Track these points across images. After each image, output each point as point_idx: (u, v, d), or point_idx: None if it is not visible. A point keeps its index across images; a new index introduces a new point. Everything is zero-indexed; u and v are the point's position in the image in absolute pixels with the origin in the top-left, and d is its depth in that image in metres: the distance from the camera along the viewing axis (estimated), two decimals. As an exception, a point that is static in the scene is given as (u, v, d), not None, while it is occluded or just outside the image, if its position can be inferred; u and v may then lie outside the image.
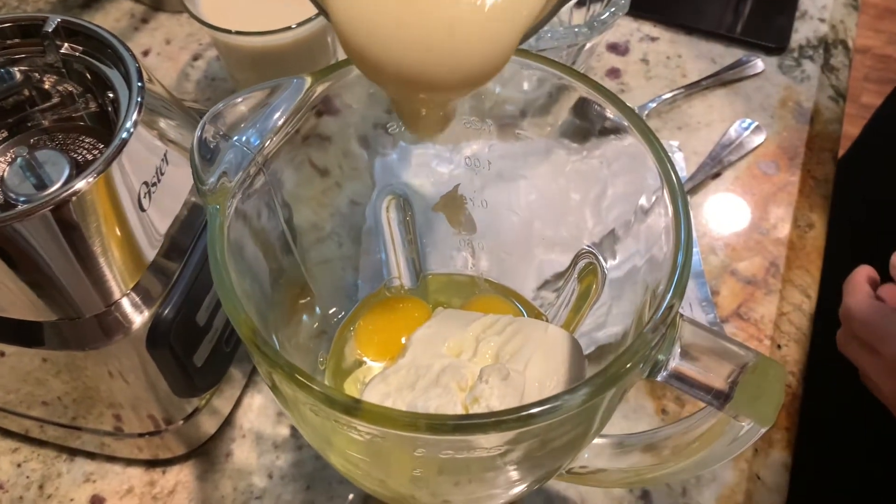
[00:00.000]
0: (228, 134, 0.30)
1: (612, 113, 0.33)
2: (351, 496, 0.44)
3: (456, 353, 0.35)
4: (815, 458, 0.53)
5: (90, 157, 0.38)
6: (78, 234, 0.33)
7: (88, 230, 0.33)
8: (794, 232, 0.56)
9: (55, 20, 0.37)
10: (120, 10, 0.70)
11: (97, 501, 0.45)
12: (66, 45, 0.38)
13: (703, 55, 0.66)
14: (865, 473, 0.59)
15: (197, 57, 0.66)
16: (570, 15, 0.57)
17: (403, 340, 0.39)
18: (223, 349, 0.43)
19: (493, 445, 0.27)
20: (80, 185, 0.32)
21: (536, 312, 0.43)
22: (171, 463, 0.46)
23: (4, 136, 0.40)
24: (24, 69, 0.39)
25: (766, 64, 0.65)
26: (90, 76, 0.39)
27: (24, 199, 0.34)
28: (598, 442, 0.36)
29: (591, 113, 0.34)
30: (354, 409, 0.24)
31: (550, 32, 0.49)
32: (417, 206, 0.42)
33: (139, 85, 0.36)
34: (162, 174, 0.37)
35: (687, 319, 0.28)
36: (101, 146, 0.39)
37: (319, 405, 0.25)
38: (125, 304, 0.36)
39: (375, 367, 0.40)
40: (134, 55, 0.37)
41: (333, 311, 0.42)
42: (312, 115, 0.34)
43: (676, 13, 0.69)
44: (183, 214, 0.39)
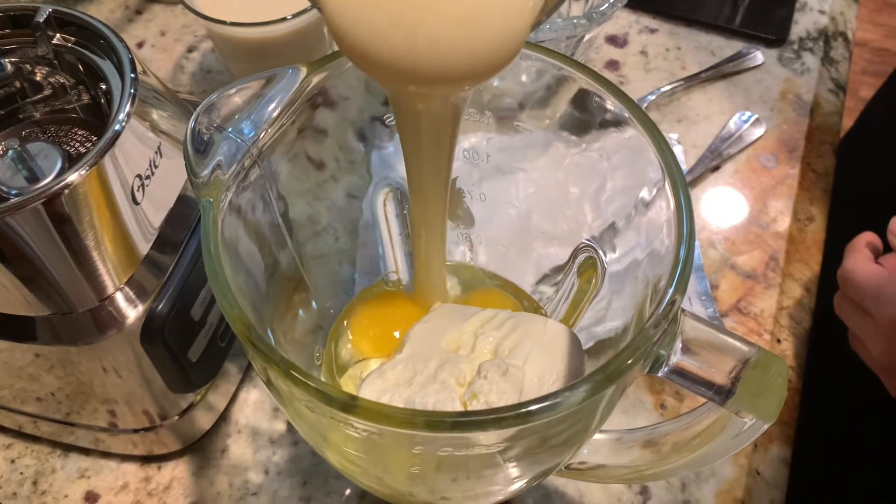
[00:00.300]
0: (222, 125, 0.29)
1: (612, 104, 0.32)
2: (348, 492, 0.44)
3: (454, 348, 0.35)
4: (814, 453, 0.52)
5: (83, 149, 0.38)
6: (70, 227, 0.33)
7: (81, 224, 0.33)
8: (793, 225, 0.56)
9: (47, 10, 0.37)
10: (114, 0, 0.69)
11: (92, 497, 0.44)
12: (58, 35, 0.38)
13: (702, 47, 0.66)
14: (865, 468, 0.59)
15: (192, 49, 0.66)
16: (568, 6, 0.57)
17: (398, 335, 0.39)
18: (218, 344, 0.42)
19: (492, 442, 0.26)
20: (72, 177, 0.32)
21: (535, 306, 0.42)
22: (166, 459, 0.45)
23: (-5, 128, 0.39)
24: (15, 60, 0.38)
25: (765, 56, 0.65)
26: (83, 67, 0.38)
27: (15, 192, 0.34)
28: (597, 438, 0.35)
29: (590, 105, 0.33)
30: (351, 406, 0.24)
31: (549, 24, 0.48)
32: (415, 199, 0.41)
33: (132, 76, 0.35)
34: (156, 167, 0.36)
35: (688, 314, 0.28)
36: (93, 138, 0.38)
37: (315, 402, 0.24)
38: (119, 298, 0.36)
39: (373, 362, 0.40)
40: (127, 46, 0.36)
41: (330, 305, 0.42)
42: (308, 106, 0.33)
43: (675, 5, 0.68)
44: (177, 208, 0.39)
